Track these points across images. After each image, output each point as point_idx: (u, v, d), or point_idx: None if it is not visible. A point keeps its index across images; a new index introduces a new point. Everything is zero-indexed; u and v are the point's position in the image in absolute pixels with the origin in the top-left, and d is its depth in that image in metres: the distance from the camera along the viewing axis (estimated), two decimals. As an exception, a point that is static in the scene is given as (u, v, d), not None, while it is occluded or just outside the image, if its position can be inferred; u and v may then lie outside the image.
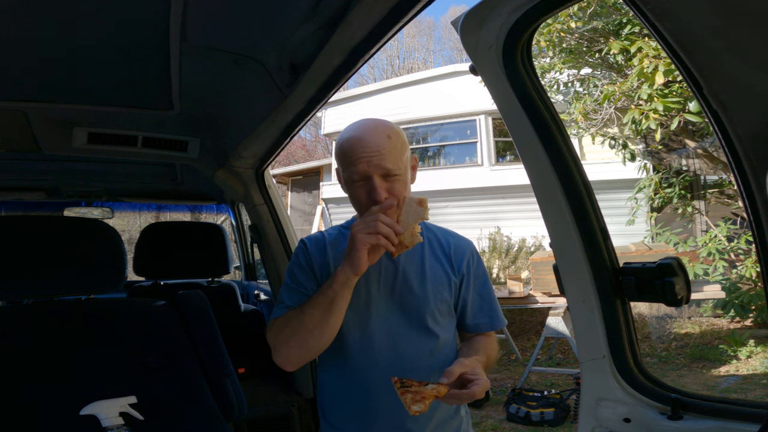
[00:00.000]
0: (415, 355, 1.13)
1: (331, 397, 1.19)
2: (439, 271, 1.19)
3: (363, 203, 1.10)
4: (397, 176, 1.08)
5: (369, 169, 1.06)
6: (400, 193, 1.10)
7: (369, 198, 1.07)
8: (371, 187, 1.07)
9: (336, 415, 1.17)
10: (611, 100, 5.58)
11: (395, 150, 1.08)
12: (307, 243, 1.21)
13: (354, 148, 1.07)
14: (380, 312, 1.13)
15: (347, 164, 1.09)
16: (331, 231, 1.25)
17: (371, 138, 1.07)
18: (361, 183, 1.08)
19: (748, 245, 5.51)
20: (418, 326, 1.14)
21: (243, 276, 3.66)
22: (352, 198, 1.14)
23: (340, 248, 1.18)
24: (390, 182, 1.08)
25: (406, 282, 1.15)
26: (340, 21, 0.96)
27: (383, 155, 1.06)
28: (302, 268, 1.18)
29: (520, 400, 4.30)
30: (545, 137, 0.99)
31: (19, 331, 1.35)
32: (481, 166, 9.50)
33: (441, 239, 1.24)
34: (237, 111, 1.65)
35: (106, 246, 1.48)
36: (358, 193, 1.10)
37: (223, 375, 1.46)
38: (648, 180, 6.38)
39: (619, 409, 0.96)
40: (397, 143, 1.09)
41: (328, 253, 1.19)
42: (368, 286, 1.15)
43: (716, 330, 6.24)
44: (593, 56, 5.94)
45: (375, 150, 1.06)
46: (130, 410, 1.21)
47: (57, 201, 3.03)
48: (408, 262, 1.17)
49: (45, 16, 1.05)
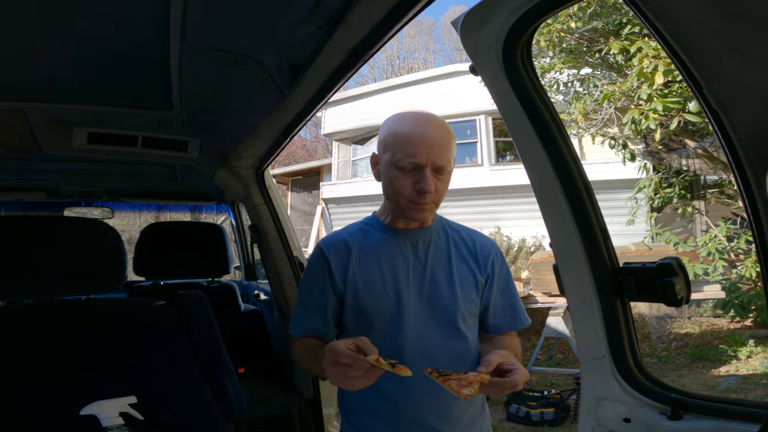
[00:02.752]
0: (444, 357, 1.11)
1: (355, 398, 1.16)
2: (466, 272, 1.17)
3: (406, 192, 1.07)
4: (446, 174, 1.09)
5: (425, 159, 1.05)
6: (443, 192, 1.10)
7: (414, 188, 1.06)
8: (422, 178, 1.05)
9: (361, 417, 1.15)
10: (611, 100, 5.58)
11: (452, 148, 1.09)
12: (325, 250, 1.16)
13: (416, 135, 1.06)
14: (410, 312, 1.11)
15: (402, 149, 1.06)
16: (351, 230, 1.21)
17: (435, 131, 1.07)
18: (411, 172, 1.06)
19: (748, 245, 5.51)
20: (447, 328, 1.13)
21: (243, 276, 3.66)
22: (391, 186, 1.10)
23: (364, 250, 1.15)
24: (438, 178, 1.08)
25: (434, 282, 1.13)
26: (340, 21, 0.96)
27: (442, 150, 1.06)
28: (317, 281, 1.15)
29: (520, 400, 4.30)
30: (545, 137, 0.99)
31: (19, 331, 1.35)
32: (481, 166, 9.50)
33: (466, 238, 1.22)
34: (237, 111, 1.65)
35: (106, 246, 1.48)
36: (403, 182, 1.07)
37: (223, 375, 1.46)
38: (648, 180, 6.38)
39: (619, 409, 0.96)
40: (453, 142, 1.10)
41: (352, 257, 1.15)
42: (397, 285, 1.12)
43: (716, 330, 6.24)
44: (593, 56, 5.94)
45: (437, 143, 1.05)
46: (130, 410, 1.21)
47: (57, 201, 3.03)
48: (436, 262, 1.15)
49: (45, 16, 1.05)
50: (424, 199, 1.07)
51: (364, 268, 1.13)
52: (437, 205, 1.12)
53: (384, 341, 1.10)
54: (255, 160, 1.97)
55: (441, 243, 1.18)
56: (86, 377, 1.30)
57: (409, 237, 1.15)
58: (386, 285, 1.11)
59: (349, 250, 1.15)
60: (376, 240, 1.16)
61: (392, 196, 1.11)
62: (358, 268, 1.13)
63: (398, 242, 1.15)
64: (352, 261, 1.14)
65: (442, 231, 1.20)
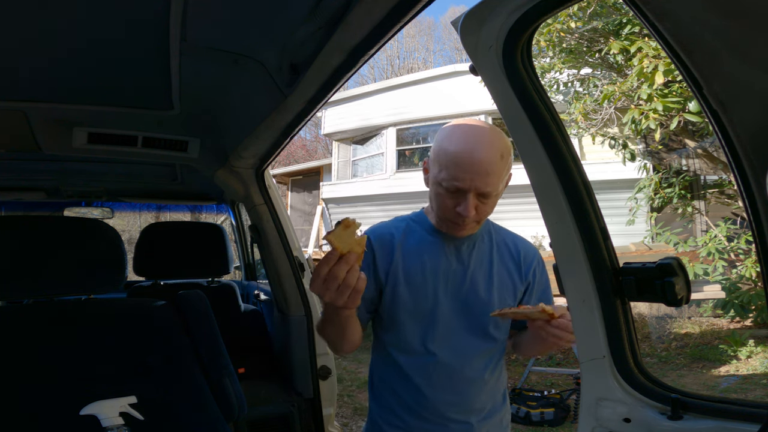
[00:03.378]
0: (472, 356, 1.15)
1: (384, 382, 1.20)
2: (506, 277, 1.19)
3: (448, 211, 1.08)
4: (492, 198, 1.07)
5: (469, 185, 1.02)
6: (487, 212, 1.09)
7: (455, 210, 1.06)
8: (462, 202, 1.04)
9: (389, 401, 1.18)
10: (611, 100, 5.59)
11: (502, 173, 1.06)
12: (373, 240, 1.16)
13: (463, 158, 1.02)
14: (444, 311, 1.13)
15: (447, 169, 1.04)
16: (399, 224, 1.22)
17: (485, 154, 1.02)
18: (454, 193, 1.05)
19: (748, 245, 5.51)
20: (478, 330, 1.15)
21: (243, 276, 3.66)
22: (435, 198, 1.11)
23: (409, 246, 1.16)
24: (482, 202, 1.06)
25: (473, 285, 1.15)
26: (340, 21, 0.95)
27: (489, 177, 1.02)
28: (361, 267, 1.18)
29: (520, 400, 4.30)
30: (545, 137, 0.99)
31: (19, 331, 1.35)
32: (481, 166, 9.49)
33: (510, 244, 1.23)
34: (237, 111, 1.65)
35: (106, 246, 1.48)
36: (445, 200, 1.08)
37: (223, 375, 1.46)
38: (648, 180, 6.38)
39: (619, 409, 0.95)
40: (506, 165, 1.06)
41: (396, 251, 1.16)
42: (436, 285, 1.14)
43: (716, 330, 6.24)
44: (593, 56, 5.94)
45: (484, 170, 1.02)
46: (130, 410, 1.21)
47: (57, 201, 3.03)
48: (477, 266, 1.17)
49: (45, 16, 1.05)
50: (464, 222, 1.07)
51: (407, 264, 1.15)
52: (480, 223, 1.13)
53: (416, 336, 1.13)
54: (255, 160, 1.97)
55: (484, 248, 1.20)
56: (86, 377, 1.30)
57: (454, 240, 1.17)
58: (426, 283, 1.13)
59: (394, 243, 1.16)
60: (422, 239, 1.17)
61: (436, 207, 1.12)
62: (402, 263, 1.15)
63: (443, 244, 1.17)
64: (396, 255, 1.15)
65: (486, 235, 1.22)
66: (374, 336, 1.24)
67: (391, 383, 1.17)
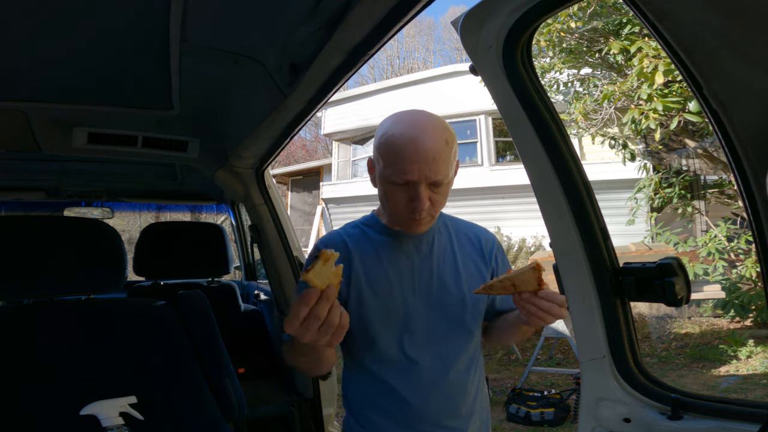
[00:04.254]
0: (456, 357, 1.11)
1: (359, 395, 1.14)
2: (472, 267, 1.16)
3: (400, 207, 1.02)
4: (444, 186, 1.02)
5: (418, 176, 0.97)
6: (441, 203, 1.04)
7: (408, 204, 1.01)
8: (415, 195, 0.99)
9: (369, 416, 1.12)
10: (611, 100, 5.59)
11: (450, 158, 1.01)
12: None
13: (407, 149, 0.97)
14: (419, 317, 1.08)
15: (392, 163, 0.99)
16: (351, 230, 1.16)
17: (429, 143, 0.97)
18: (404, 186, 1.00)
19: (748, 245, 5.51)
20: (457, 328, 1.12)
21: (243, 276, 3.66)
22: (385, 196, 1.05)
23: (366, 252, 1.11)
24: (434, 192, 1.01)
25: (441, 282, 1.11)
26: (340, 21, 0.95)
27: (437, 164, 0.97)
28: None
29: (520, 400, 4.30)
30: (545, 137, 0.99)
31: (19, 331, 1.35)
32: (481, 166, 9.51)
33: (468, 233, 1.20)
34: (237, 111, 1.65)
35: (106, 246, 1.48)
36: (396, 196, 1.02)
37: (223, 375, 1.46)
38: (648, 180, 6.38)
39: (619, 409, 0.95)
40: (453, 150, 1.02)
41: (354, 259, 1.10)
42: (403, 289, 1.09)
43: (716, 330, 6.24)
44: (593, 56, 5.94)
45: (431, 158, 0.97)
46: (130, 410, 1.21)
47: (57, 201, 3.03)
48: (441, 259, 1.13)
49: (45, 15, 1.05)
50: (420, 215, 1.01)
51: (367, 270, 1.09)
52: (435, 217, 1.08)
53: (393, 345, 1.08)
54: (255, 160, 1.97)
55: (444, 241, 1.16)
56: (86, 377, 1.30)
57: (412, 238, 1.12)
58: (392, 288, 1.08)
59: (349, 250, 1.10)
60: (378, 242, 1.12)
61: (387, 206, 1.07)
62: (362, 270, 1.09)
63: (401, 244, 1.11)
64: (354, 262, 1.09)
65: (443, 228, 1.18)
66: (344, 352, 1.16)
67: (373, 398, 1.11)
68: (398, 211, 1.04)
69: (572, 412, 4.20)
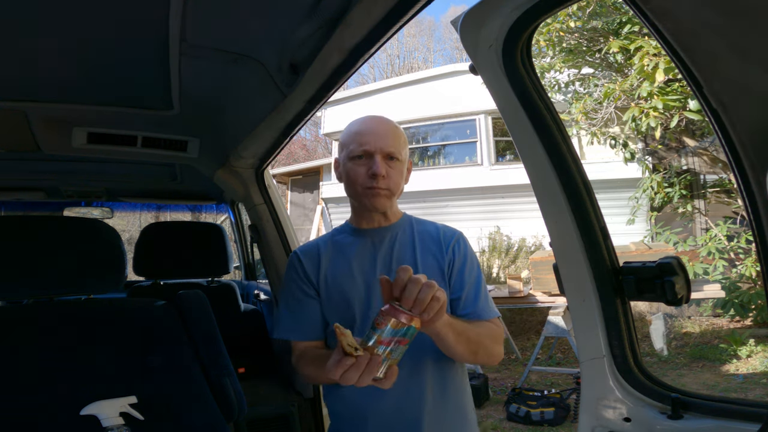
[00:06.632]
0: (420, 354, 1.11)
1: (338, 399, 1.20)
2: (432, 261, 1.19)
3: (360, 179, 1.15)
4: (397, 161, 1.16)
5: (374, 146, 1.13)
6: (396, 180, 1.17)
7: (367, 174, 1.13)
8: (372, 164, 1.13)
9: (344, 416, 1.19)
10: (611, 99, 5.58)
11: (399, 139, 1.17)
12: (300, 255, 1.25)
13: (365, 128, 1.16)
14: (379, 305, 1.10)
15: (352, 141, 1.16)
16: (325, 237, 1.29)
17: (380, 124, 1.17)
18: (363, 160, 1.14)
19: (748, 244, 5.51)
20: None
21: (243, 276, 3.66)
22: (348, 179, 1.18)
23: (334, 251, 1.23)
24: (390, 165, 1.15)
25: None
26: (340, 21, 0.95)
27: (389, 138, 1.15)
28: (297, 282, 1.22)
29: (520, 400, 4.31)
30: (545, 137, 0.99)
31: (19, 331, 1.35)
32: (481, 165, 9.50)
33: (430, 230, 1.25)
34: (237, 111, 1.65)
35: (106, 246, 1.48)
36: (357, 171, 1.15)
37: (223, 375, 1.46)
38: (648, 179, 6.38)
39: (619, 408, 0.96)
40: (401, 136, 1.19)
41: (322, 259, 1.22)
42: (366, 279, 1.16)
43: (716, 329, 6.24)
44: (593, 56, 5.94)
45: (384, 132, 1.15)
46: (130, 410, 1.21)
47: (57, 201, 3.03)
48: (401, 255, 1.19)
49: (44, 15, 1.05)
50: (377, 183, 1.13)
51: (333, 267, 1.21)
52: (392, 193, 1.18)
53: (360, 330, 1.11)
54: (255, 159, 1.97)
55: (406, 238, 1.23)
56: (86, 377, 1.30)
57: (375, 236, 1.22)
58: (355, 280, 1.17)
59: (320, 253, 1.23)
60: (345, 242, 1.24)
61: (351, 188, 1.19)
62: (329, 268, 1.21)
63: (364, 242, 1.22)
64: (322, 262, 1.22)
65: (408, 227, 1.25)
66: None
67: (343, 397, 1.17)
68: (359, 184, 1.15)
69: (572, 411, 4.20)
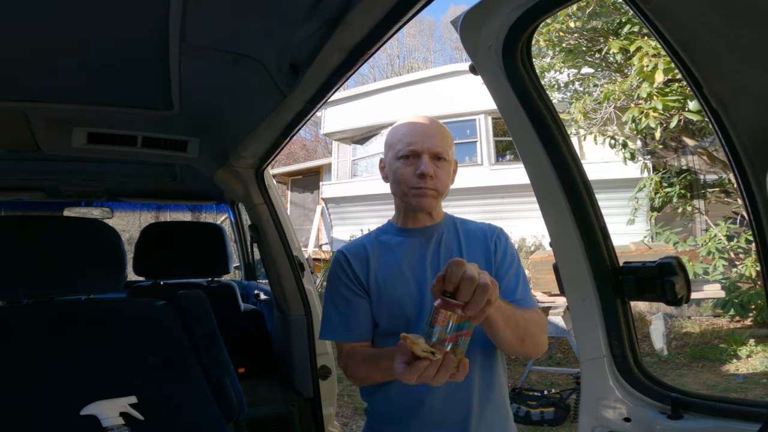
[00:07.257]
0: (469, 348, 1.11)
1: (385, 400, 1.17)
2: (481, 259, 1.18)
3: (407, 179, 1.14)
4: (444, 161, 1.16)
5: (421, 147, 1.13)
6: (444, 180, 1.17)
7: (415, 174, 1.13)
8: (420, 163, 1.13)
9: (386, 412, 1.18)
10: (611, 99, 5.58)
11: (447, 139, 1.17)
12: (348, 255, 1.21)
13: (412, 129, 1.16)
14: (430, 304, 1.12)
15: (398, 142, 1.16)
16: (369, 236, 1.26)
17: (430, 125, 1.17)
18: (411, 160, 1.14)
19: (748, 244, 5.51)
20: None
21: (243, 276, 3.66)
22: (395, 179, 1.17)
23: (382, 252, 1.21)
24: (437, 165, 1.15)
25: None
26: (340, 21, 0.95)
27: (437, 138, 1.15)
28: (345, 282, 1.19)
29: (520, 400, 4.30)
30: (545, 137, 0.99)
31: (19, 331, 1.35)
32: (481, 165, 9.50)
33: (475, 229, 1.25)
34: (237, 111, 1.65)
35: (106, 246, 1.48)
36: (405, 170, 1.15)
37: (223, 375, 1.46)
38: (648, 179, 6.38)
39: (619, 408, 0.96)
40: (449, 136, 1.19)
41: (371, 259, 1.20)
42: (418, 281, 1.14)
43: (716, 329, 6.24)
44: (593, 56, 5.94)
45: (433, 133, 1.15)
46: (130, 410, 1.21)
47: (57, 201, 3.03)
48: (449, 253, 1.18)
49: (44, 15, 1.05)
50: (425, 183, 1.13)
51: (383, 267, 1.18)
52: (440, 193, 1.17)
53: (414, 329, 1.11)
54: (255, 159, 1.97)
55: (451, 237, 1.23)
56: (86, 377, 1.30)
57: (422, 235, 1.21)
58: (407, 281, 1.15)
59: (367, 254, 1.21)
60: (392, 242, 1.22)
61: (397, 188, 1.18)
62: (379, 269, 1.18)
63: (412, 241, 1.20)
64: (371, 262, 1.19)
65: (452, 226, 1.25)
66: None
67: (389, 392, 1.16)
68: (407, 185, 1.15)
69: (572, 411, 4.20)
